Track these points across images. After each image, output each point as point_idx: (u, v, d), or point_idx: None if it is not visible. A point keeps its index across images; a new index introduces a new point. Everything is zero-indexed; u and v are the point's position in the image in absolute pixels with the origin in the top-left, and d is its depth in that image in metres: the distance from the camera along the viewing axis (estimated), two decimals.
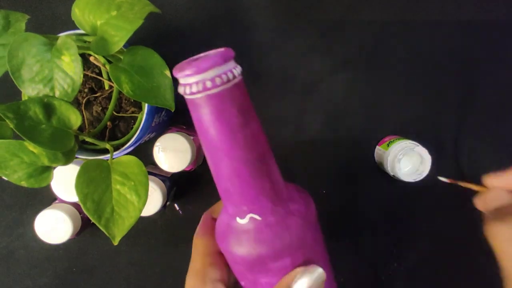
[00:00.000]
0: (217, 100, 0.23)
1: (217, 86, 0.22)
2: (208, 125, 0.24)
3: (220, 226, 0.28)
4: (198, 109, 0.24)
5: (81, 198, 0.28)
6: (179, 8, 0.47)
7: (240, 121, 0.23)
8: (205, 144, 0.25)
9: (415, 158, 0.43)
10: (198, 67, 0.22)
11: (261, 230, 0.25)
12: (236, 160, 0.24)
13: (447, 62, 0.47)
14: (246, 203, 0.25)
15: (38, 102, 0.28)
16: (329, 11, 0.47)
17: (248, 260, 0.26)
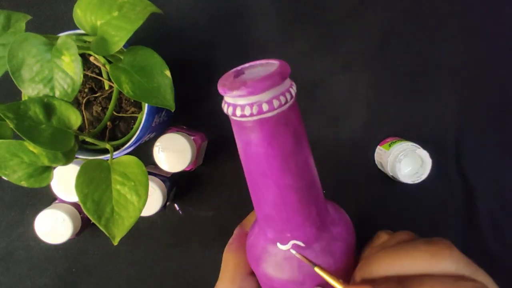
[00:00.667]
0: (271, 124, 0.20)
1: (273, 110, 0.20)
2: (258, 151, 0.21)
3: (256, 249, 0.26)
4: (248, 133, 0.21)
5: (81, 198, 0.28)
6: (179, 8, 0.47)
7: (293, 147, 0.21)
8: (251, 170, 0.23)
9: (416, 160, 0.43)
10: (255, 88, 0.19)
11: None
12: (286, 188, 0.22)
13: (448, 64, 0.47)
14: (291, 231, 0.23)
15: (38, 102, 0.28)
16: (330, 11, 0.47)
17: (289, 285, 0.24)
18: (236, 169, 0.49)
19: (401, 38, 0.47)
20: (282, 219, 0.23)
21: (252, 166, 0.22)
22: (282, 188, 0.22)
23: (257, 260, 0.26)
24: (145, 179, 0.30)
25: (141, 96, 0.31)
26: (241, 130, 0.21)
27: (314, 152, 0.35)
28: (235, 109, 0.20)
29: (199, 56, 0.48)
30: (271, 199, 0.22)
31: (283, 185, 0.22)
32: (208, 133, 0.48)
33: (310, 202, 0.23)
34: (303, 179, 0.22)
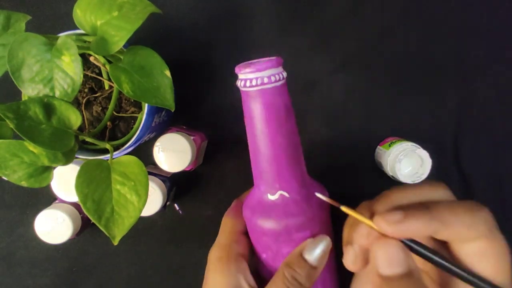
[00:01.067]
0: (269, 93, 0.28)
1: (271, 83, 0.28)
2: (259, 114, 0.29)
3: (250, 201, 0.32)
4: (252, 100, 0.29)
5: (81, 198, 0.28)
6: (179, 8, 0.47)
7: (284, 114, 0.29)
8: (252, 131, 0.30)
9: (416, 160, 0.43)
10: (259, 66, 0.28)
11: (289, 204, 0.30)
12: (278, 145, 0.29)
13: (447, 63, 0.47)
14: (279, 182, 0.30)
15: (38, 102, 0.28)
16: (329, 11, 0.47)
17: (275, 231, 0.30)
18: (236, 169, 0.49)
19: (399, 37, 0.47)
20: (273, 172, 0.30)
21: (254, 128, 0.29)
22: (276, 144, 0.29)
23: (251, 210, 0.32)
24: (145, 179, 0.30)
25: (141, 96, 0.31)
26: (248, 99, 0.29)
27: (313, 152, 0.36)
28: (245, 82, 0.29)
29: (199, 56, 0.48)
30: (266, 154, 0.30)
31: (276, 142, 0.29)
32: (208, 133, 0.48)
33: (295, 162, 0.30)
34: (290, 141, 0.30)
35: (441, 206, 0.23)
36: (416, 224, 0.22)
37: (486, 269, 0.23)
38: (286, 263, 0.29)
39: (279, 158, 0.30)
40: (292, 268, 0.28)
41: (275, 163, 0.30)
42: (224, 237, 0.32)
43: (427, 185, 0.26)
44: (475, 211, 0.23)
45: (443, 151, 0.48)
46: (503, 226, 0.48)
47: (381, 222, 0.23)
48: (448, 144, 0.48)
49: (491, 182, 0.48)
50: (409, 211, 0.23)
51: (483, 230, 0.23)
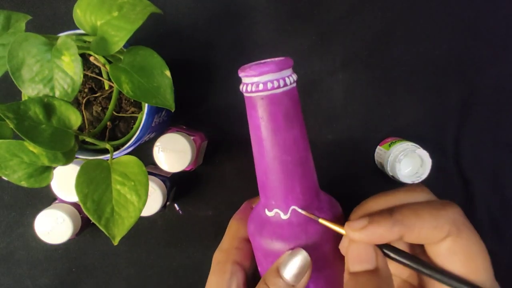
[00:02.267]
0: (266, 101, 0.25)
1: (267, 90, 0.25)
2: (255, 122, 0.26)
3: (252, 213, 0.31)
4: (250, 106, 0.26)
5: (81, 198, 0.28)
6: (179, 8, 0.47)
7: (283, 124, 0.26)
8: (252, 138, 0.27)
9: (416, 160, 0.43)
10: (255, 71, 0.25)
11: (282, 226, 0.27)
12: (273, 158, 0.26)
13: (447, 64, 0.47)
14: (275, 199, 0.27)
15: (38, 102, 0.28)
16: (329, 11, 0.47)
17: (265, 249, 0.28)
18: (236, 169, 0.49)
19: (399, 38, 0.47)
20: (269, 187, 0.27)
21: (253, 135, 0.27)
22: (271, 157, 0.26)
23: (250, 223, 0.30)
24: (145, 179, 0.30)
25: (141, 96, 0.31)
26: (247, 104, 0.27)
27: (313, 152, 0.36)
28: (243, 86, 0.26)
29: (199, 56, 0.48)
30: (262, 166, 0.27)
31: (272, 154, 0.26)
32: (208, 133, 0.48)
33: (295, 179, 0.27)
34: (289, 155, 0.26)
35: (405, 210, 0.24)
36: (379, 229, 0.23)
37: (456, 267, 0.23)
38: (263, 278, 0.27)
39: (274, 173, 0.26)
40: (267, 285, 0.26)
41: (270, 177, 0.27)
42: (226, 242, 0.31)
43: (404, 189, 0.26)
44: (440, 211, 0.24)
45: (443, 151, 0.48)
46: (503, 226, 0.49)
47: (347, 230, 0.24)
48: (448, 144, 0.48)
49: (491, 182, 0.48)
50: (373, 217, 0.24)
51: (448, 230, 0.23)
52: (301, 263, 0.26)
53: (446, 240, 0.23)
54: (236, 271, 0.29)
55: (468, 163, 0.48)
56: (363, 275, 0.23)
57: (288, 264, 0.26)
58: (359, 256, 0.24)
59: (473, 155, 0.48)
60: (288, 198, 0.27)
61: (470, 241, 0.24)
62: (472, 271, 0.23)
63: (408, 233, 0.23)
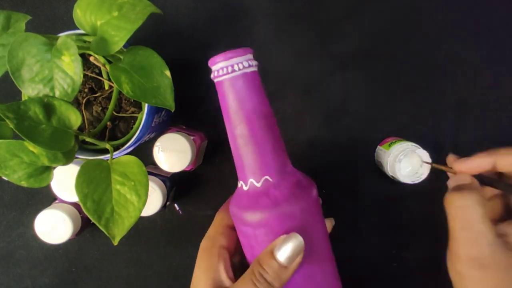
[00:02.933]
0: (221, 86, 0.30)
1: (225, 74, 0.29)
2: (222, 103, 0.30)
3: (232, 196, 0.33)
4: (222, 89, 0.30)
5: (81, 198, 0.28)
6: (179, 9, 0.47)
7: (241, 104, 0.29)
8: (224, 119, 0.31)
9: (416, 160, 0.43)
10: (227, 55, 0.29)
11: (259, 194, 0.30)
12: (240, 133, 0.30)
13: (447, 64, 0.47)
14: (249, 171, 0.30)
15: (38, 102, 0.28)
16: (329, 11, 0.47)
17: (246, 222, 0.29)
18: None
19: (399, 38, 0.47)
20: (244, 160, 0.30)
21: (224, 116, 0.31)
22: (238, 133, 0.30)
23: (231, 202, 0.32)
24: (145, 179, 0.30)
25: (141, 96, 0.31)
26: (220, 88, 0.30)
27: (313, 152, 0.35)
28: (215, 72, 0.30)
29: (199, 56, 0.48)
30: (236, 142, 0.30)
31: (230, 132, 0.30)
32: (208, 133, 0.48)
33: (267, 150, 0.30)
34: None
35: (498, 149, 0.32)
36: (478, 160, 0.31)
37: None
38: (257, 259, 0.28)
39: (236, 149, 0.30)
40: (262, 265, 0.28)
41: (245, 151, 0.30)
42: (211, 229, 0.33)
43: None
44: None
45: (443, 151, 0.48)
46: None
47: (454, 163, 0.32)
48: (448, 144, 0.48)
49: None
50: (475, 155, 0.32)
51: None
52: (295, 246, 0.27)
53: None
54: (222, 254, 0.31)
55: None
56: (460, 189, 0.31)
57: (282, 247, 0.27)
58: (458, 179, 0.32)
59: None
60: (262, 169, 0.30)
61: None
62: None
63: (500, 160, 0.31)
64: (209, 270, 0.30)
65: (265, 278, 0.27)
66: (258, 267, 0.28)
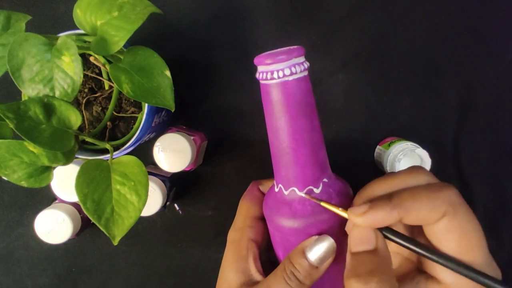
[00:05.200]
0: (290, 86, 0.27)
1: (279, 78, 0.27)
2: (268, 108, 0.28)
3: (267, 195, 0.32)
4: (264, 93, 0.28)
5: (81, 198, 0.28)
6: (180, 8, 0.47)
7: (294, 110, 0.28)
8: (267, 123, 0.29)
9: (415, 160, 0.43)
10: (278, 57, 0.26)
11: (297, 203, 0.29)
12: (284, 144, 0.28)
13: (447, 64, 0.47)
14: (288, 181, 0.29)
15: (38, 102, 0.28)
16: (329, 11, 0.47)
17: (281, 227, 0.29)
18: (236, 169, 0.49)
19: (400, 38, 0.47)
20: (287, 167, 0.29)
21: (268, 121, 0.29)
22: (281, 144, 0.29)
23: (265, 203, 0.31)
24: (145, 179, 0.30)
25: (141, 96, 0.31)
26: (262, 91, 0.29)
27: None
28: (258, 75, 0.28)
29: (199, 56, 0.48)
30: (275, 150, 0.29)
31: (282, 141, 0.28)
32: (208, 133, 0.48)
33: (310, 159, 0.29)
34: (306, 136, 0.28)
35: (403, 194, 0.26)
36: (379, 213, 0.25)
37: (451, 245, 0.25)
38: (289, 257, 0.29)
39: (292, 154, 0.29)
40: (293, 263, 0.28)
41: (289, 159, 0.29)
42: (239, 221, 0.33)
43: (405, 171, 0.28)
44: (436, 193, 0.25)
45: (443, 151, 0.48)
46: (501, 225, 0.49)
47: (350, 215, 0.27)
48: (448, 144, 0.48)
49: (491, 182, 0.48)
50: (374, 203, 0.26)
51: (444, 210, 0.25)
52: (327, 248, 0.28)
53: (442, 220, 0.25)
54: (251, 247, 0.31)
55: (468, 162, 0.48)
56: (363, 254, 0.26)
57: (314, 247, 0.28)
58: (360, 237, 0.26)
59: (473, 155, 0.48)
60: (306, 178, 0.29)
61: (465, 220, 0.25)
62: (466, 248, 0.25)
63: (407, 216, 0.25)
64: (239, 262, 0.31)
65: (296, 277, 0.28)
66: (290, 265, 0.28)
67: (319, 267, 0.28)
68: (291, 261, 0.28)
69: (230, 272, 0.31)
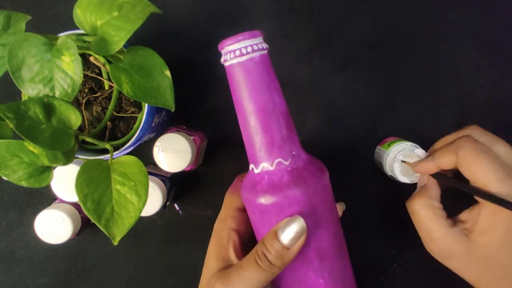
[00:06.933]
0: (238, 67, 0.30)
1: (236, 57, 0.29)
2: (233, 86, 0.31)
3: (244, 180, 0.33)
4: (228, 73, 0.30)
5: (81, 198, 0.28)
6: (179, 8, 0.47)
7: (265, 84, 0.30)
8: (234, 102, 0.31)
9: (415, 160, 0.43)
10: (236, 38, 0.30)
11: (270, 177, 0.30)
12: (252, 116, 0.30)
13: (447, 64, 0.47)
14: (260, 154, 0.30)
15: (38, 102, 0.28)
16: (329, 11, 0.47)
17: (257, 205, 0.30)
18: (236, 169, 0.49)
19: (399, 38, 0.47)
20: (256, 143, 0.30)
21: (234, 99, 0.31)
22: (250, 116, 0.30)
23: (242, 188, 0.32)
24: (145, 179, 0.30)
25: (141, 96, 0.31)
26: (227, 73, 0.31)
27: (313, 151, 0.36)
28: (226, 56, 0.30)
29: (199, 56, 0.48)
30: (245, 126, 0.31)
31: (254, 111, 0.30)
32: (208, 133, 0.48)
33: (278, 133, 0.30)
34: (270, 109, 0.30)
35: (438, 148, 0.38)
36: (425, 164, 0.38)
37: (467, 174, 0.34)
38: (262, 240, 0.30)
39: (258, 130, 0.30)
40: (265, 245, 0.29)
41: (255, 135, 0.30)
42: (222, 213, 0.35)
43: (465, 129, 0.39)
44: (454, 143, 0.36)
45: None
46: None
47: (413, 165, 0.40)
48: None
49: None
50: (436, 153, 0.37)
51: (456, 153, 0.35)
52: (298, 228, 0.29)
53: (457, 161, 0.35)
54: (232, 236, 0.32)
55: None
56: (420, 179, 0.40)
57: (286, 228, 0.29)
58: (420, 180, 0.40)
59: None
60: (274, 151, 0.30)
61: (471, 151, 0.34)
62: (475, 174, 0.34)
63: (441, 164, 0.36)
64: (219, 250, 0.32)
65: (267, 257, 0.28)
66: (262, 246, 0.29)
67: (290, 248, 0.29)
68: (264, 243, 0.29)
69: (211, 259, 0.32)
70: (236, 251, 0.32)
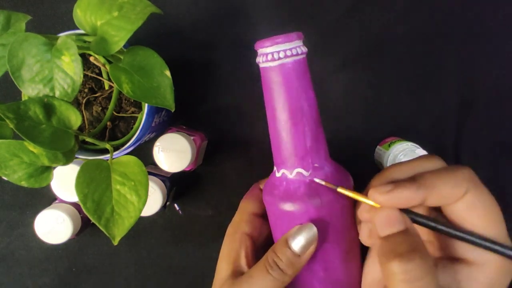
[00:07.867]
0: (288, 68, 0.28)
1: (276, 60, 0.28)
2: (268, 89, 0.29)
3: (266, 183, 0.32)
4: (263, 75, 0.30)
5: (81, 198, 0.28)
6: (179, 8, 0.47)
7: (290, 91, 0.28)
8: (266, 104, 0.30)
9: None
10: (277, 40, 0.29)
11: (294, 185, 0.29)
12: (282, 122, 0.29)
13: (447, 64, 0.47)
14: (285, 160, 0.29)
15: (38, 102, 0.28)
16: (330, 11, 0.47)
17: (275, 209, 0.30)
18: (236, 169, 0.49)
19: (399, 38, 0.47)
20: (280, 149, 0.30)
21: (266, 101, 0.30)
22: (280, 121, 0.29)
23: (264, 190, 0.32)
24: (145, 179, 0.30)
25: (141, 96, 0.31)
26: (261, 74, 0.30)
27: None
28: (257, 58, 0.30)
29: (199, 56, 0.48)
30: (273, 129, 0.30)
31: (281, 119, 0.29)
32: (208, 133, 0.48)
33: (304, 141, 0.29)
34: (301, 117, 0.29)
35: (426, 175, 0.26)
36: (405, 192, 0.25)
37: (476, 221, 0.25)
38: (272, 248, 0.29)
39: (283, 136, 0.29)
40: (276, 253, 0.28)
41: (280, 140, 0.29)
42: (236, 216, 0.34)
43: (420, 158, 0.28)
44: (456, 172, 0.26)
45: (443, 151, 0.48)
46: None
47: (374, 194, 0.26)
48: (448, 144, 0.48)
49: (491, 182, 0.48)
50: (399, 183, 0.26)
51: (467, 186, 0.25)
52: (308, 236, 0.28)
53: (465, 197, 0.25)
54: (244, 240, 0.32)
55: (468, 162, 0.48)
56: (396, 236, 0.24)
57: (297, 236, 0.28)
58: (388, 220, 0.25)
59: (473, 155, 0.48)
60: (295, 161, 0.29)
61: (486, 195, 0.26)
62: (490, 224, 0.25)
63: (430, 195, 0.25)
64: (231, 255, 0.31)
65: (278, 265, 0.28)
66: (273, 254, 0.28)
67: (301, 256, 0.28)
68: (274, 250, 0.29)
69: (222, 263, 0.32)
70: (247, 256, 0.31)
